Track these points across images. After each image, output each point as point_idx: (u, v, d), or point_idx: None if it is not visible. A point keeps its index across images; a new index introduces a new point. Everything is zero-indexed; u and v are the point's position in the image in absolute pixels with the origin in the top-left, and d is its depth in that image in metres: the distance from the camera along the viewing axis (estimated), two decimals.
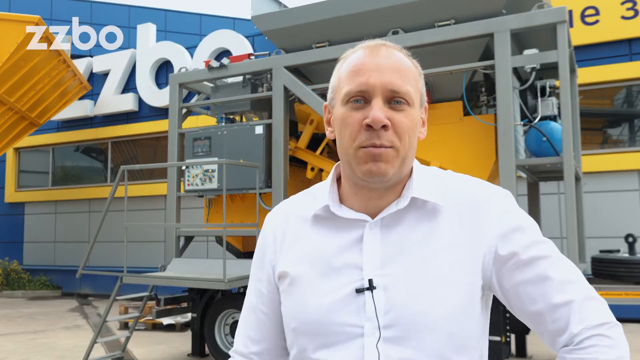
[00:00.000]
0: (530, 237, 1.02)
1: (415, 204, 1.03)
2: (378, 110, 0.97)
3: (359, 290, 1.00)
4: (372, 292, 0.99)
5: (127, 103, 12.26)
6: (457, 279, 0.98)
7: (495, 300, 1.11)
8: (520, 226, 1.02)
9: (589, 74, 8.48)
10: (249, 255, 6.37)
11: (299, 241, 1.10)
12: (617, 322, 0.98)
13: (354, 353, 0.98)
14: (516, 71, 5.10)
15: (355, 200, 1.06)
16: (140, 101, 12.25)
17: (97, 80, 12.72)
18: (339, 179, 1.12)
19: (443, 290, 0.98)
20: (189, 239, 6.43)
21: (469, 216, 1.02)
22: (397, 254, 1.01)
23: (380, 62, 1.01)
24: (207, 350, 6.16)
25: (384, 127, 0.98)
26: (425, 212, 1.03)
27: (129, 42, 12.51)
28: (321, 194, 1.10)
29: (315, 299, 1.03)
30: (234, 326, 5.94)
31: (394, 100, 0.99)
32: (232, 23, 11.97)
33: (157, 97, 11.80)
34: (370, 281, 0.99)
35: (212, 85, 6.46)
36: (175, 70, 10.85)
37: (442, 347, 0.96)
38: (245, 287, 5.45)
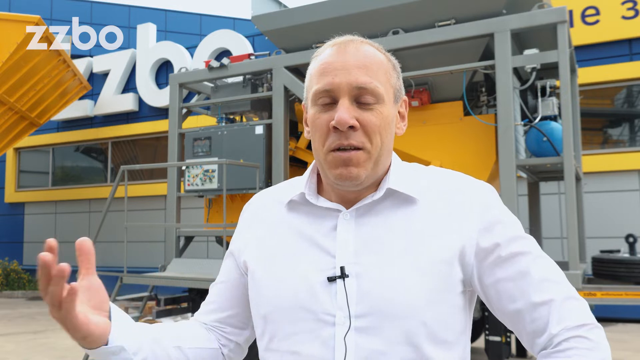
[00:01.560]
0: (512, 232, 0.99)
1: (392, 195, 1.01)
2: (344, 111, 0.94)
3: (331, 279, 0.97)
4: (344, 281, 0.96)
5: (127, 103, 12.26)
6: (432, 268, 0.95)
7: None
8: (502, 220, 0.99)
9: (589, 74, 8.48)
10: None
11: (272, 226, 1.09)
12: (598, 324, 0.94)
13: (325, 342, 0.95)
14: (516, 71, 5.09)
15: (332, 194, 1.04)
16: (140, 101, 12.25)
17: (97, 80, 12.72)
18: (318, 173, 1.10)
19: (416, 279, 0.94)
20: (189, 239, 6.42)
21: (450, 208, 0.99)
22: (371, 243, 0.98)
23: (347, 59, 0.97)
24: None
25: (352, 127, 0.94)
26: (401, 202, 1.01)
27: (129, 42, 12.52)
28: (299, 182, 1.09)
29: (287, 286, 1.00)
30: None
31: (362, 98, 0.96)
32: (232, 23, 11.98)
33: (157, 97, 11.80)
34: (342, 269, 0.96)
35: (212, 85, 6.45)
36: (175, 70, 10.86)
37: (415, 336, 0.93)
38: None
